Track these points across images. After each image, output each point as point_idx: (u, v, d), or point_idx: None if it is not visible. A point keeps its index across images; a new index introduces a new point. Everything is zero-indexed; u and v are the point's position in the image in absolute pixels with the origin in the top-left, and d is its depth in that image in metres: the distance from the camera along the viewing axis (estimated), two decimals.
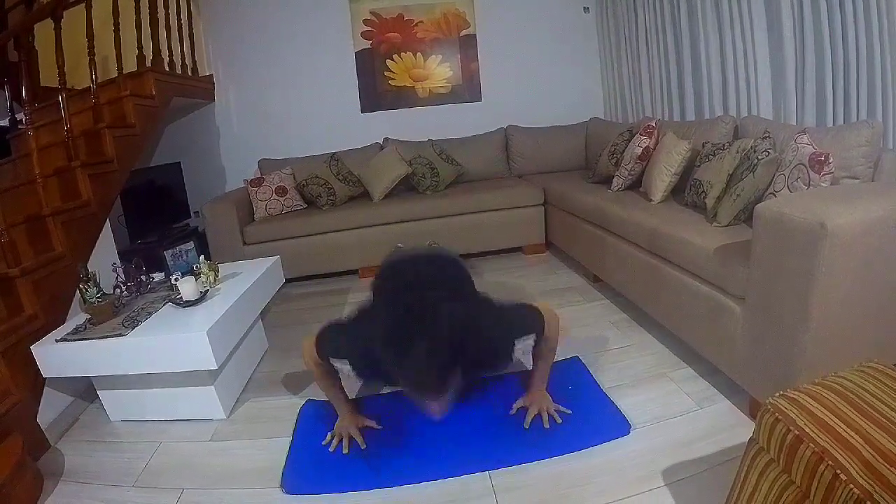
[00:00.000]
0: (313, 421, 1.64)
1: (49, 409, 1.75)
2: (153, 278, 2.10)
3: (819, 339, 1.23)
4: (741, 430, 1.33)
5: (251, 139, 3.74)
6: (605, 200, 2.49)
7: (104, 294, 1.74)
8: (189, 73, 3.27)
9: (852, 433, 0.75)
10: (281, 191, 3.26)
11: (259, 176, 3.35)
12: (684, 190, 2.20)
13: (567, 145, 3.79)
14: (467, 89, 3.95)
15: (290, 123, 3.79)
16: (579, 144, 3.78)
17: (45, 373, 1.65)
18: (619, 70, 3.76)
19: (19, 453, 1.41)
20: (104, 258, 2.20)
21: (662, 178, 2.28)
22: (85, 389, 1.91)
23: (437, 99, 3.93)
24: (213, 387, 1.71)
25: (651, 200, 2.31)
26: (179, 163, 3.60)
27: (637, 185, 2.56)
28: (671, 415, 1.51)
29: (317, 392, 1.70)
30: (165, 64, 2.90)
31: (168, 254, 2.01)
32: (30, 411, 1.66)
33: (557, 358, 1.73)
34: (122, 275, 1.92)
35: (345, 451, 1.46)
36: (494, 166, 3.75)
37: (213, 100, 3.67)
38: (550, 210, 3.20)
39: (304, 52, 3.69)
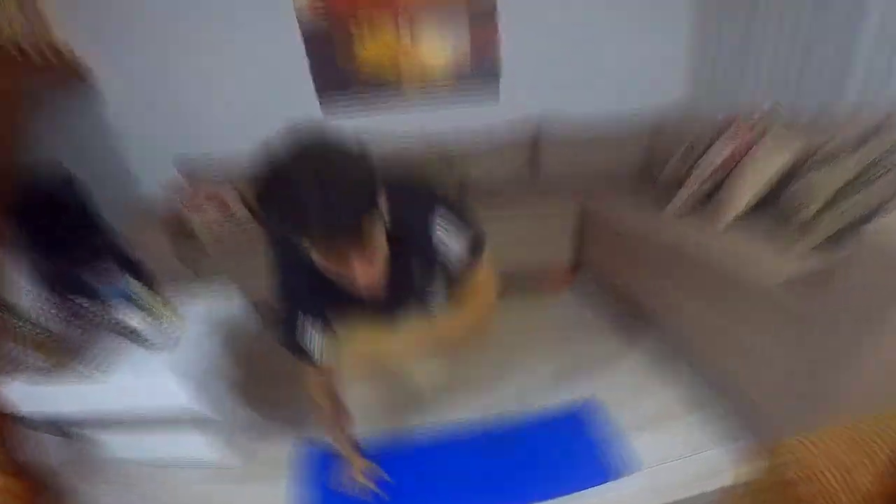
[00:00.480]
0: (313, 461, 1.64)
1: (48, 449, 1.69)
2: (84, 306, 1.75)
3: (871, 378, 1.15)
4: (747, 471, 1.15)
5: (160, 135, 2.76)
6: (659, 221, 2.04)
7: (40, 327, 1.55)
8: (42, 54, 2.24)
9: (866, 479, 0.74)
10: (222, 208, 2.49)
11: (189, 191, 2.50)
12: (774, 202, 1.79)
13: (618, 146, 2.80)
14: (479, 71, 2.80)
15: (210, 116, 2.78)
16: (637, 145, 2.78)
17: (14, 410, 1.53)
18: (721, 37, 2.65)
19: (22, 495, 1.45)
20: (11, 284, 1.88)
21: (749, 190, 1.84)
22: (81, 429, 1.74)
23: (433, 89, 2.83)
24: (202, 429, 1.63)
25: (722, 220, 1.87)
26: (69, 168, 2.61)
27: (711, 197, 2.00)
28: (676, 456, 1.52)
29: (316, 432, 1.65)
30: None
31: (91, 277, 1.77)
32: (24, 449, 1.57)
33: (571, 397, 1.78)
34: (44, 303, 1.68)
35: (358, 495, 1.46)
36: (514, 175, 2.81)
37: (90, 85, 2.58)
38: (587, 228, 2.44)
39: (217, 20, 2.58)
